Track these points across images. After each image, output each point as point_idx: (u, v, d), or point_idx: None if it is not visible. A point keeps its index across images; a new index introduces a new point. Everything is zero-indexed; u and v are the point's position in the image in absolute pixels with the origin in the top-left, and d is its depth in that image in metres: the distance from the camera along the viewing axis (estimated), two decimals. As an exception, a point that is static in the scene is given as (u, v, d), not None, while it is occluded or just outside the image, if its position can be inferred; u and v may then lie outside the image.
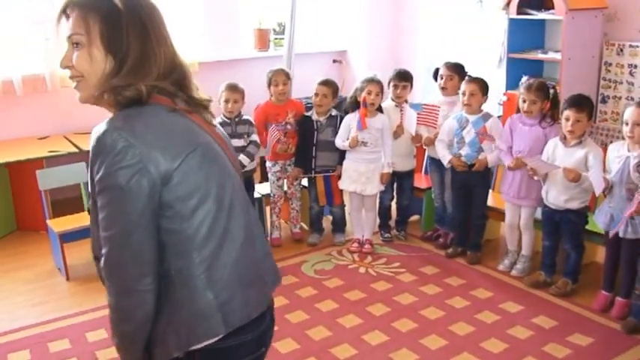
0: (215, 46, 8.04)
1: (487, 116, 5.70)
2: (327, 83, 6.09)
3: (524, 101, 5.34)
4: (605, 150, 5.03)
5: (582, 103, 4.97)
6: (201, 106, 2.18)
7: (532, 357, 4.40)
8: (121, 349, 2.11)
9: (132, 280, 1.98)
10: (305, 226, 6.54)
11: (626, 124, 4.64)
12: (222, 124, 5.77)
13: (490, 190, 6.03)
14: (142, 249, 1.96)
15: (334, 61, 9.18)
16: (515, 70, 6.77)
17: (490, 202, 5.97)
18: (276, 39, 8.75)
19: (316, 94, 6.06)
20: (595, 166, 4.80)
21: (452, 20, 8.29)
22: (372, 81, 5.90)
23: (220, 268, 2.06)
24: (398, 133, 6.01)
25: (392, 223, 6.53)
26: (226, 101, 5.79)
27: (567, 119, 4.95)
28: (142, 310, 2.01)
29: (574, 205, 5.05)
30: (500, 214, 5.88)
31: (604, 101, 6.82)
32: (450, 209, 6.10)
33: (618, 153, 4.77)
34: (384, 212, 6.41)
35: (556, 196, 5.10)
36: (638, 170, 4.53)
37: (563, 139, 5.05)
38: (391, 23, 9.10)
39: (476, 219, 5.90)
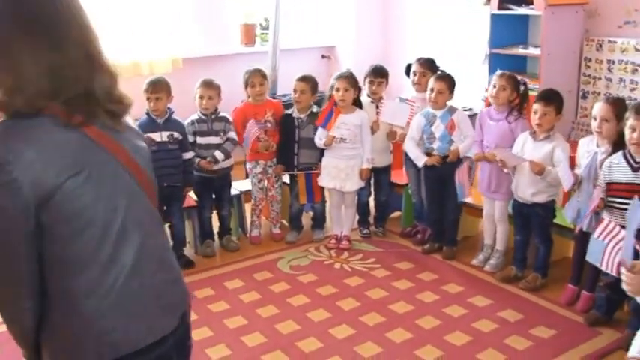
0: (201, 41, 8.10)
1: (453, 110, 5.74)
2: (304, 79, 6.09)
3: (494, 86, 5.41)
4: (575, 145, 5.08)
5: (550, 97, 5.03)
6: (110, 115, 1.96)
7: (493, 349, 4.47)
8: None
9: (9, 298, 1.92)
10: (285, 223, 6.57)
11: (595, 119, 4.69)
12: (199, 120, 5.86)
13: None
14: (17, 270, 1.86)
15: (323, 56, 9.22)
16: (499, 65, 6.70)
17: (468, 198, 5.99)
18: (262, 34, 8.78)
19: (294, 90, 6.08)
20: (563, 162, 4.84)
21: (441, 16, 8.33)
22: (340, 77, 5.90)
23: (101, 296, 1.91)
24: (374, 129, 6.00)
25: (372, 219, 6.56)
26: (201, 97, 5.81)
27: (535, 112, 5.01)
28: (22, 325, 1.96)
29: (541, 198, 5.11)
30: (478, 211, 5.91)
31: (584, 97, 6.86)
32: (426, 205, 6.11)
33: (587, 148, 4.83)
34: (362, 208, 6.42)
35: (523, 189, 5.16)
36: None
37: (533, 133, 5.10)
38: (380, 18, 9.16)
39: (450, 213, 5.93)
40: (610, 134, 4.61)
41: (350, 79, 5.90)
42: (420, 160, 5.78)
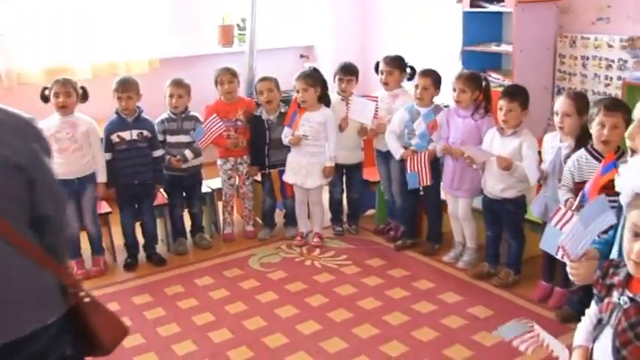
0: (178, 42, 8.07)
1: (438, 109, 5.72)
2: (265, 79, 6.14)
3: (454, 90, 5.41)
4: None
5: (515, 93, 5.02)
6: None
7: (460, 345, 4.45)
8: None
9: None
10: (259, 221, 6.56)
11: (557, 114, 4.68)
12: (169, 119, 5.87)
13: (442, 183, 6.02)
14: None
15: (301, 56, 9.18)
16: (473, 63, 6.78)
17: (442, 195, 5.94)
18: (240, 35, 8.76)
19: (261, 93, 6.09)
20: (529, 156, 4.83)
21: (418, 14, 8.33)
22: (298, 78, 5.92)
23: None
24: (342, 126, 6.00)
25: (345, 217, 6.55)
26: (171, 96, 5.82)
27: (501, 109, 5.00)
28: None
29: (510, 194, 5.09)
30: (451, 207, 5.88)
31: (560, 93, 6.80)
32: (398, 202, 6.11)
33: (552, 143, 4.81)
34: (335, 206, 6.43)
35: (493, 185, 5.14)
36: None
37: (500, 129, 5.09)
38: (358, 17, 9.15)
39: (429, 210, 5.93)
40: (572, 129, 4.60)
41: (308, 78, 5.89)
42: (397, 153, 5.77)
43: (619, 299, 2.32)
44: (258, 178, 6.39)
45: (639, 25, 6.28)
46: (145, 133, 5.59)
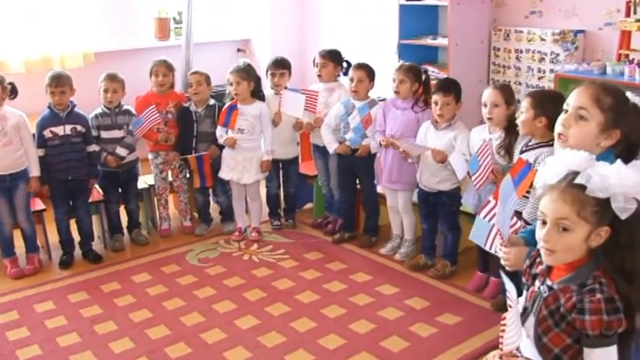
0: (114, 35, 7.98)
1: (373, 103, 5.74)
2: (197, 72, 6.13)
3: (393, 81, 5.44)
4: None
5: (449, 87, 5.06)
6: None
7: (397, 336, 4.48)
8: None
9: None
10: (197, 216, 6.53)
11: (485, 105, 4.72)
12: (102, 114, 5.79)
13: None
14: None
15: (238, 50, 9.16)
16: (410, 56, 6.78)
17: (380, 189, 5.95)
18: (176, 28, 8.66)
19: (190, 85, 6.06)
20: (455, 150, 4.88)
21: (355, 8, 8.36)
22: (232, 71, 5.91)
23: None
24: (276, 120, 6.00)
25: (282, 211, 6.55)
26: (105, 91, 5.75)
27: (436, 103, 5.04)
28: None
29: (445, 186, 5.15)
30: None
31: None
32: (336, 196, 6.13)
33: (481, 136, 4.86)
34: (272, 201, 6.41)
35: (428, 178, 5.20)
36: (500, 152, 4.60)
37: (435, 122, 5.12)
38: (296, 11, 9.15)
39: (366, 203, 5.96)
40: (501, 119, 4.66)
41: (241, 72, 5.88)
42: (331, 147, 5.81)
43: (539, 288, 2.38)
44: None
45: (570, 18, 6.41)
46: (79, 128, 5.51)
